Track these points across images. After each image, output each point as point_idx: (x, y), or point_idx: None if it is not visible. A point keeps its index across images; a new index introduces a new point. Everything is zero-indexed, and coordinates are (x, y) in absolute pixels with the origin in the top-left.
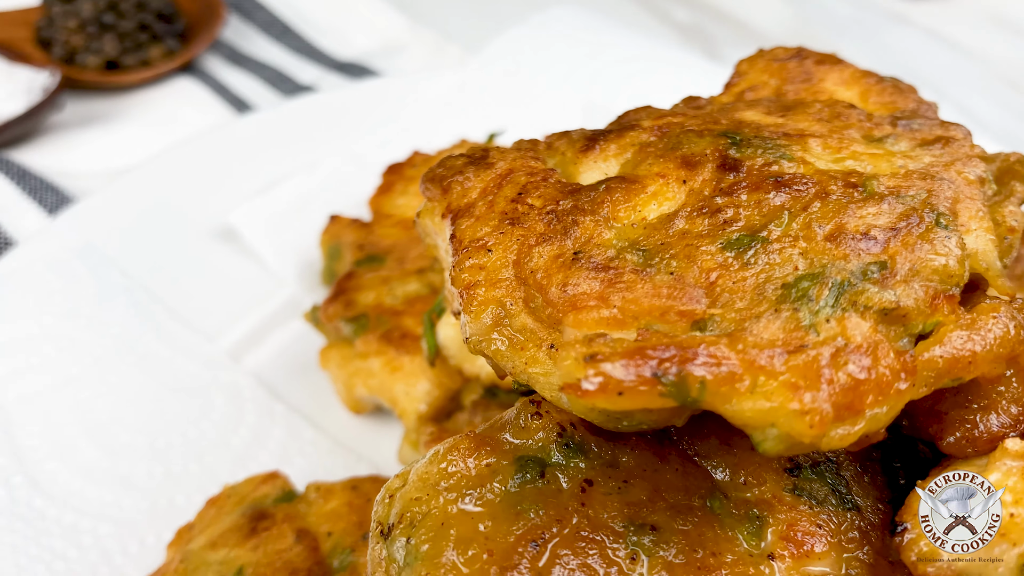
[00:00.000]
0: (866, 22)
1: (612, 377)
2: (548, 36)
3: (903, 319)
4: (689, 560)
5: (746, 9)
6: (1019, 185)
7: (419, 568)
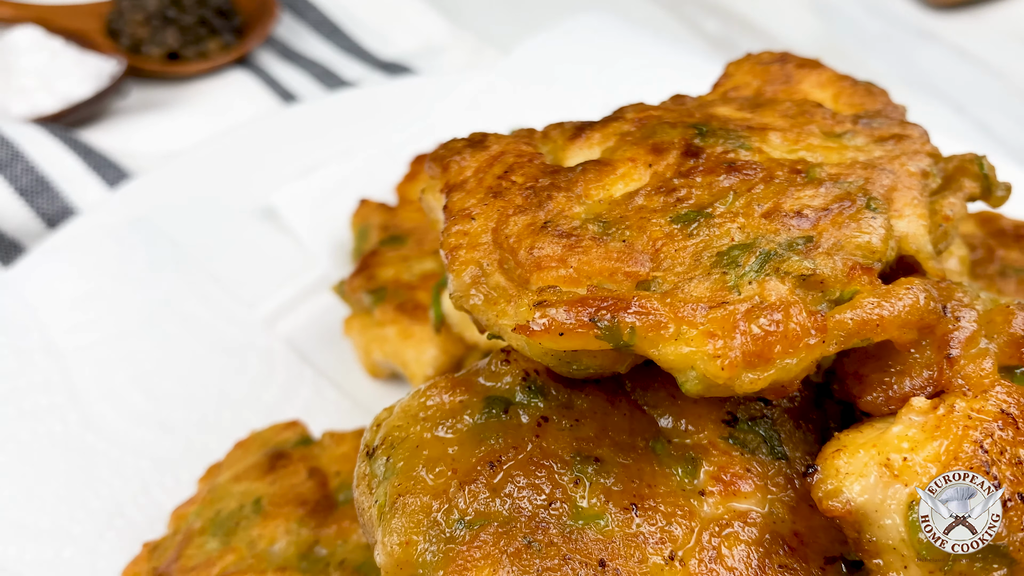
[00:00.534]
0: (894, 38)
1: (555, 320)
2: (575, 41)
3: (821, 285)
4: (626, 488)
5: (777, 21)
6: (968, 181)
7: (394, 480)
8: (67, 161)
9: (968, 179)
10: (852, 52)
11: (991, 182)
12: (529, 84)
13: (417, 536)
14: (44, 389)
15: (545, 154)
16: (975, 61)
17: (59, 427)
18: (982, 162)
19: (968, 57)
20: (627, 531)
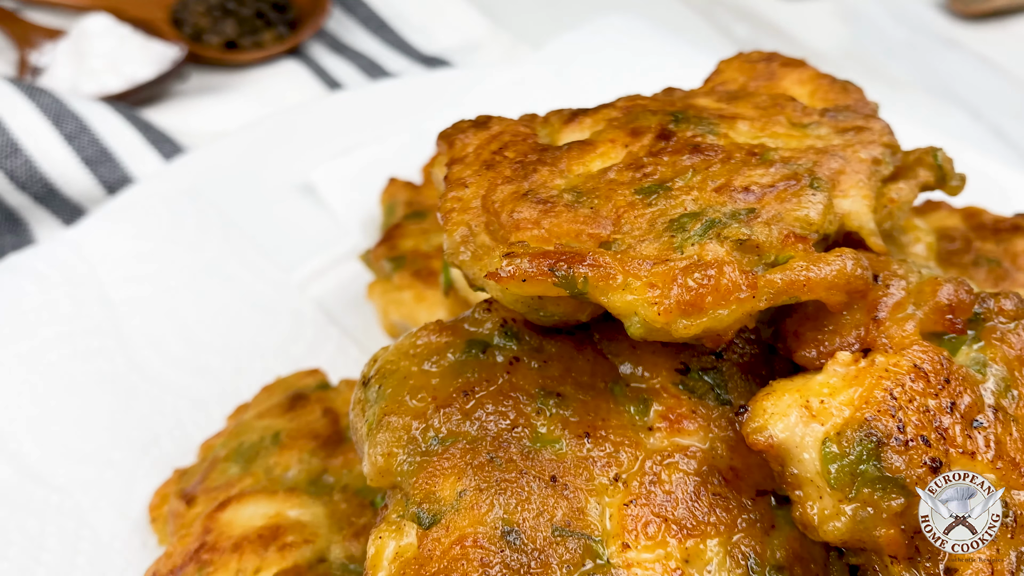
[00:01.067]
0: (919, 45)
1: (519, 268)
2: (602, 40)
3: (757, 249)
4: (582, 420)
5: (805, 27)
6: (923, 171)
7: (382, 404)
8: (128, 135)
9: (924, 169)
10: (875, 58)
11: (945, 172)
12: (555, 79)
13: (397, 449)
14: (96, 334)
15: (541, 136)
16: (996, 69)
17: (107, 367)
18: (937, 154)
19: (990, 65)
20: (578, 454)
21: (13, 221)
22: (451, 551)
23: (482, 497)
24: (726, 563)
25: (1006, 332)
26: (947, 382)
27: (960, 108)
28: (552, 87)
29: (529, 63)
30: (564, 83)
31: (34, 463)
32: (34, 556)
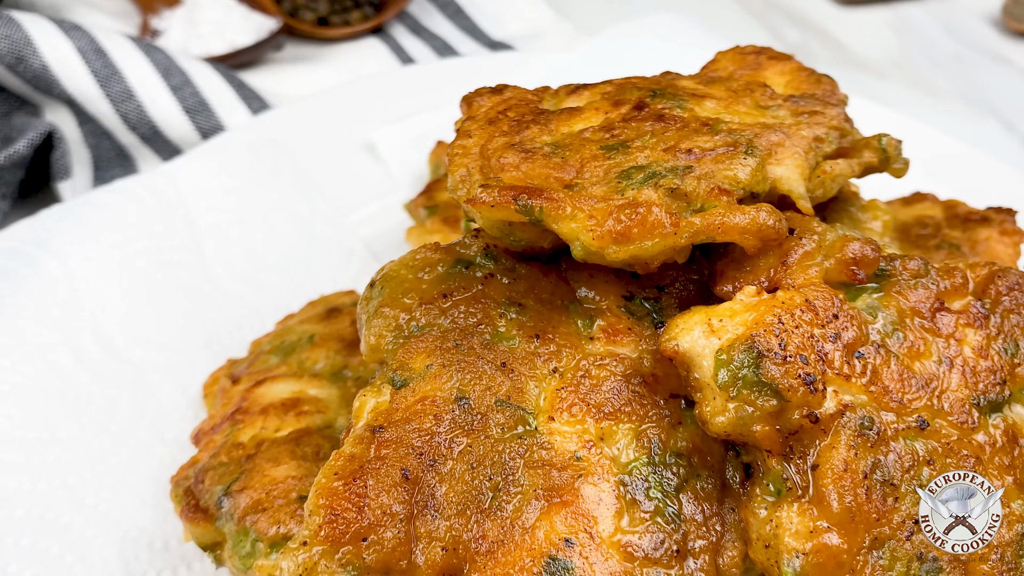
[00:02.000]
0: (966, 59)
1: (491, 195)
2: (649, 35)
3: (686, 197)
4: (536, 325)
5: (855, 35)
6: (869, 153)
7: (380, 299)
8: (224, 91)
9: (869, 151)
10: (920, 67)
11: (889, 155)
12: (599, 67)
13: (387, 333)
14: (179, 249)
15: (546, 103)
16: None
17: (185, 276)
18: (882, 139)
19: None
20: (527, 349)
21: (123, 156)
22: (414, 406)
23: (444, 371)
24: (633, 444)
25: (905, 287)
26: (835, 317)
27: (995, 119)
28: (595, 74)
29: (578, 51)
30: (607, 71)
31: (119, 345)
32: (110, 415)
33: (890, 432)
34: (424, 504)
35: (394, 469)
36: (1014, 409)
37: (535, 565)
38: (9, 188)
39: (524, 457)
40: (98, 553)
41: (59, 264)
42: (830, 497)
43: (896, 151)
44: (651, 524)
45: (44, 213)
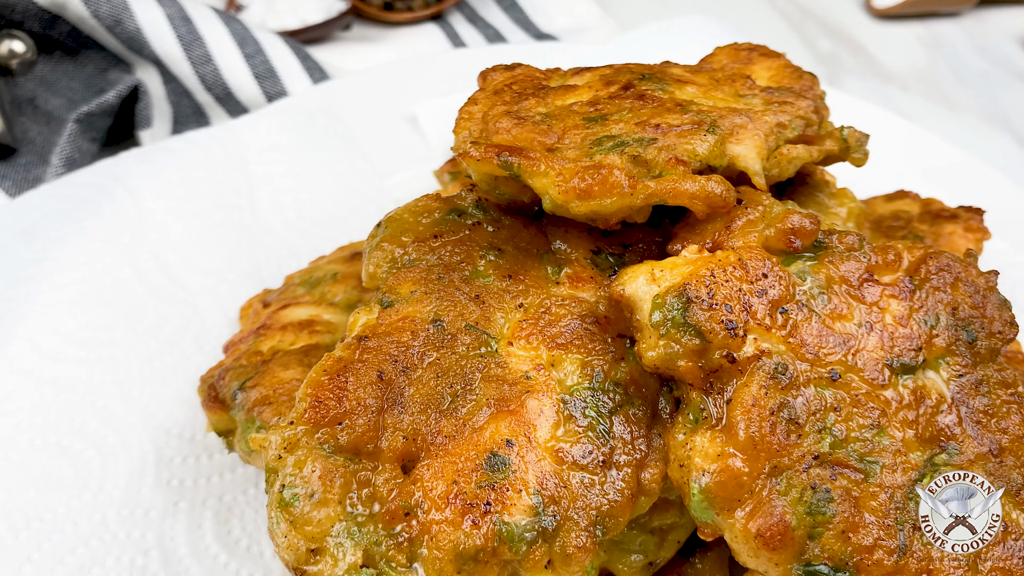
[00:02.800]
0: (992, 76)
1: (479, 151)
2: (678, 33)
3: (646, 165)
4: (511, 268)
5: (886, 48)
6: (830, 141)
7: (382, 235)
8: (290, 61)
9: (831, 140)
10: (944, 82)
11: (849, 145)
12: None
13: (382, 264)
14: (234, 194)
15: (552, 81)
16: None
17: (237, 218)
18: (843, 130)
19: None
20: (500, 287)
21: (199, 113)
22: (396, 323)
23: (426, 297)
24: (578, 371)
25: (838, 258)
26: (764, 276)
27: (1009, 134)
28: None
29: (611, 44)
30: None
31: (174, 269)
32: (159, 326)
33: (802, 379)
34: (393, 401)
35: (372, 371)
36: (927, 374)
37: (478, 457)
38: (99, 132)
39: (482, 372)
40: (136, 438)
41: (132, 197)
42: (738, 427)
43: (857, 142)
44: (583, 437)
45: (124, 154)
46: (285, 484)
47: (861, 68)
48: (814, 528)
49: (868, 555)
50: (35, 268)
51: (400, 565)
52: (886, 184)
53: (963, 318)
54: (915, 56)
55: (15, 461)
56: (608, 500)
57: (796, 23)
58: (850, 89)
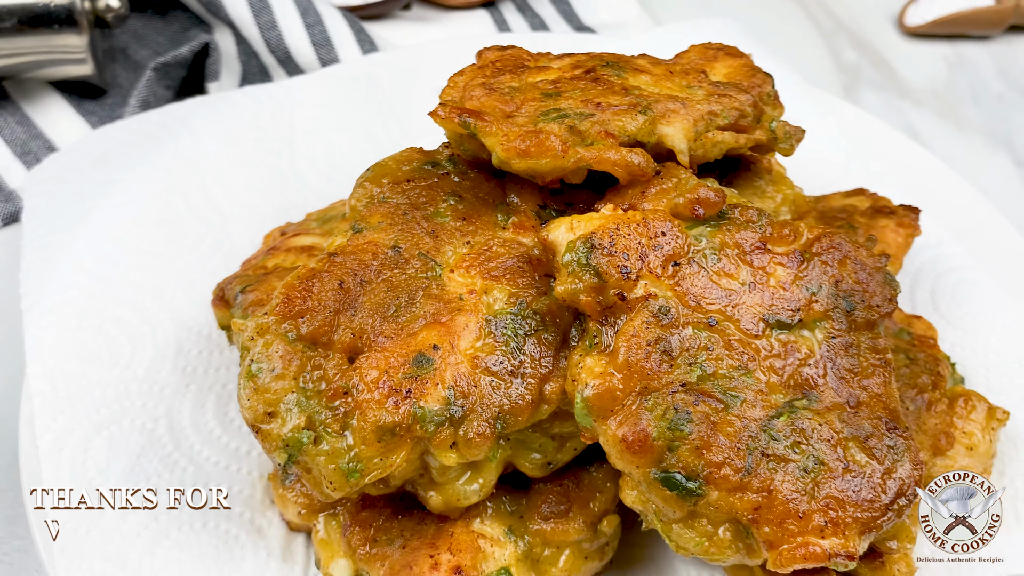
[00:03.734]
0: (1007, 98)
1: (445, 111)
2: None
3: (581, 135)
4: (466, 212)
5: (908, 63)
6: (760, 132)
7: (366, 177)
8: (345, 32)
9: (760, 130)
10: (958, 100)
11: (777, 135)
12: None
13: (362, 199)
14: (278, 142)
15: (533, 63)
16: None
17: (277, 163)
18: (772, 122)
19: None
20: (454, 226)
21: (264, 72)
22: (362, 245)
23: (390, 228)
24: (505, 299)
25: (736, 227)
26: (663, 234)
27: (1008, 154)
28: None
29: (631, 41)
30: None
31: (217, 199)
32: (197, 244)
33: (682, 320)
34: (349, 305)
35: (335, 280)
36: (801, 332)
37: (408, 355)
38: (173, 81)
39: (424, 290)
40: (163, 330)
41: (191, 137)
42: (619, 352)
43: (785, 134)
44: (498, 350)
45: (190, 100)
46: (253, 360)
47: (880, 81)
48: (672, 442)
49: (717, 470)
50: (102, 188)
51: (334, 431)
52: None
53: (845, 290)
54: (936, 73)
55: (64, 337)
56: (510, 402)
57: (827, 33)
58: (864, 100)
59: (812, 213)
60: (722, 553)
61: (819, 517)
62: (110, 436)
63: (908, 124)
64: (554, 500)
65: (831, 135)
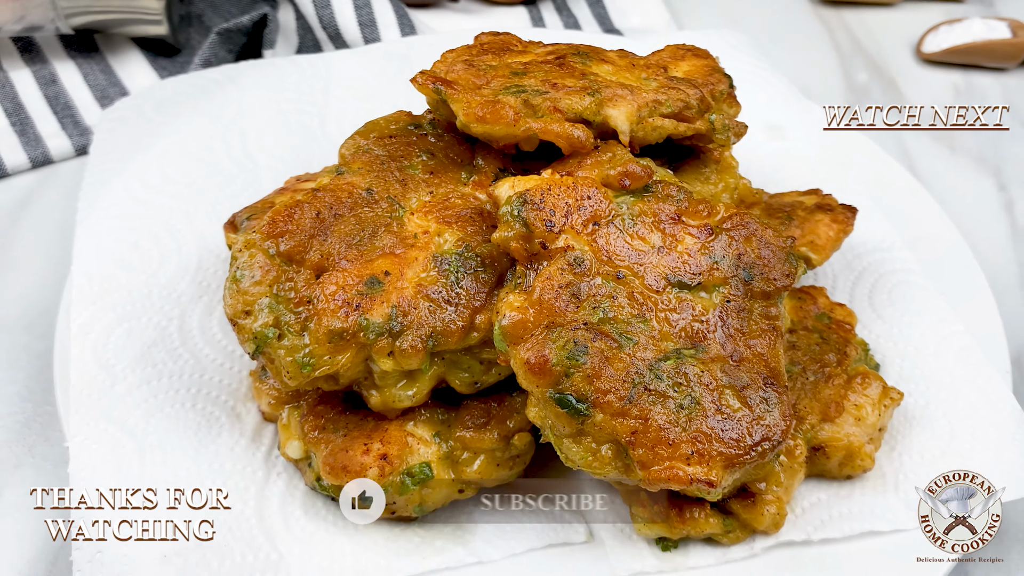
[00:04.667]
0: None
1: (422, 78)
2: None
3: (533, 108)
4: (436, 167)
5: (918, 88)
6: (700, 122)
7: (359, 130)
8: (389, 16)
9: (701, 121)
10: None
11: (715, 128)
12: None
13: (351, 149)
14: (311, 104)
15: (519, 47)
16: None
17: (307, 121)
18: (712, 115)
19: None
20: (422, 177)
21: (316, 46)
22: (341, 185)
23: (367, 173)
24: (453, 242)
25: (655, 199)
26: (588, 198)
27: (992, 179)
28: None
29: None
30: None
31: (252, 149)
32: (228, 182)
33: (593, 271)
34: (321, 232)
35: (314, 210)
36: (699, 294)
37: (363, 278)
38: (235, 46)
39: (386, 227)
40: (188, 249)
41: (239, 93)
42: (535, 291)
43: (723, 127)
44: (439, 282)
45: (243, 63)
46: (239, 267)
47: (885, 102)
48: (568, 369)
49: (603, 396)
50: (158, 128)
51: (295, 331)
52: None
53: (746, 263)
54: (941, 99)
55: (105, 244)
56: (443, 325)
57: (845, 55)
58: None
59: (760, 204)
60: (603, 468)
61: (687, 447)
62: (129, 328)
63: (901, 142)
64: (477, 414)
65: (811, 141)
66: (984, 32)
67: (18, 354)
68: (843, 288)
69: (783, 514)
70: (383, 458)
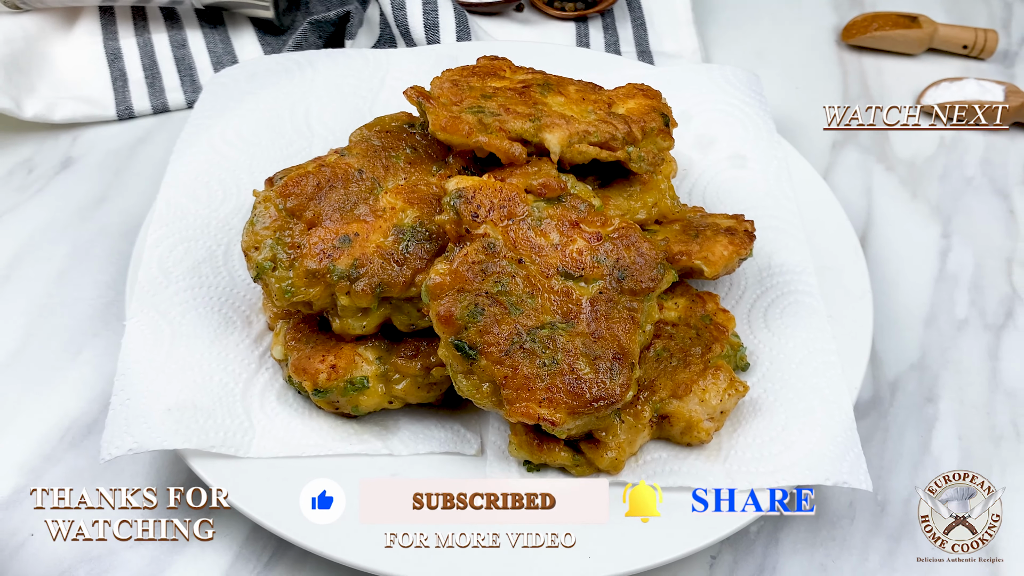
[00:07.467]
0: (975, 184)
1: (410, 92)
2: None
3: (486, 128)
4: (415, 160)
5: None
6: (621, 152)
7: (369, 123)
8: (451, 21)
9: (622, 152)
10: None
11: (631, 158)
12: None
13: (356, 137)
14: (368, 90)
15: (508, 73)
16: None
17: (362, 104)
18: (629, 148)
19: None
20: (400, 166)
21: (391, 42)
22: (341, 163)
23: (361, 156)
24: (412, 217)
25: (562, 207)
26: (510, 199)
27: (940, 227)
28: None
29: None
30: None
31: (312, 122)
32: (285, 147)
33: (501, 255)
34: (318, 197)
35: (316, 179)
36: (580, 283)
37: (337, 235)
38: (324, 33)
39: (365, 200)
40: (245, 195)
41: (312, 73)
42: (454, 263)
43: (639, 157)
44: (394, 246)
45: (324, 51)
46: (256, 214)
47: (869, 145)
48: (467, 323)
49: (488, 347)
50: (245, 96)
51: (284, 267)
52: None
53: (622, 266)
54: (923, 149)
55: (184, 182)
56: (390, 277)
57: (851, 98)
58: (844, 156)
59: (682, 220)
60: (483, 400)
61: (542, 393)
62: (188, 247)
63: (869, 183)
64: (409, 348)
65: (767, 173)
66: (978, 93)
67: (112, 253)
68: (748, 299)
69: (622, 460)
70: (333, 368)
